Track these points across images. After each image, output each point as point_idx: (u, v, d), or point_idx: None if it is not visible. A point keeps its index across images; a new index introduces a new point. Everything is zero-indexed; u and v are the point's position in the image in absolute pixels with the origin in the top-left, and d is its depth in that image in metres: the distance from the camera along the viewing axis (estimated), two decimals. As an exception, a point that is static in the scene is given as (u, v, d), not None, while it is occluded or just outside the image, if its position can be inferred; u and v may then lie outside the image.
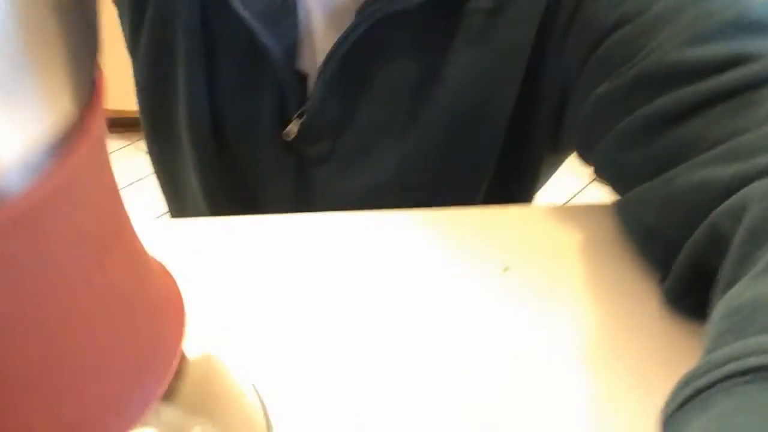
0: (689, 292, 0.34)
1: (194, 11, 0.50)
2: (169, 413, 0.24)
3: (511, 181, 0.54)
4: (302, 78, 0.51)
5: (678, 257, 0.34)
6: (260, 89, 0.52)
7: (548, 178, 0.58)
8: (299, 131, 0.52)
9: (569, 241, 0.40)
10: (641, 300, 0.36)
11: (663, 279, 0.36)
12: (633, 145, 0.38)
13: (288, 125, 0.52)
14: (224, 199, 0.57)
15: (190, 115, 0.53)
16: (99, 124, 0.12)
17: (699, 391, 0.25)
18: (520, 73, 0.47)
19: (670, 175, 0.35)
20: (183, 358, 0.22)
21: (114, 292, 0.15)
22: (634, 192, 0.38)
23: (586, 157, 0.44)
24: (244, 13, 0.47)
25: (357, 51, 0.48)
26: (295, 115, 0.51)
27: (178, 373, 0.22)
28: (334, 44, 0.47)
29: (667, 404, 0.26)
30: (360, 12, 0.46)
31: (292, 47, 0.50)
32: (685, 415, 0.25)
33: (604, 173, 0.42)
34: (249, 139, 0.54)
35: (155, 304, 0.16)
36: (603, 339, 0.35)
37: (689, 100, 0.36)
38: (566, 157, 0.55)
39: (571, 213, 0.43)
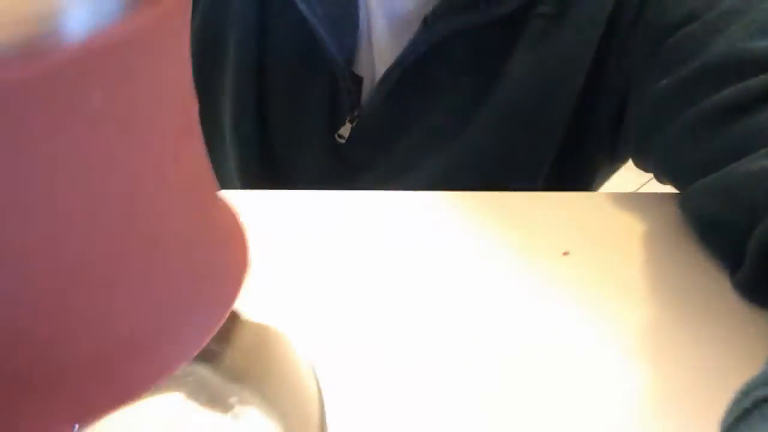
0: (764, 283, 0.33)
1: (251, 3, 0.50)
2: (208, 376, 0.22)
3: (564, 188, 0.52)
4: (357, 81, 0.50)
5: (748, 248, 0.32)
6: (312, 89, 0.51)
7: (600, 186, 0.57)
8: (350, 135, 0.51)
9: (632, 229, 0.39)
10: (704, 294, 0.35)
11: (732, 272, 0.34)
12: (696, 137, 0.37)
13: (337, 128, 0.51)
14: None
15: (235, 112, 0.52)
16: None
17: (758, 403, 0.24)
18: (580, 77, 0.46)
19: (735, 167, 0.34)
20: (236, 319, 0.20)
21: (185, 196, 0.13)
22: (697, 184, 0.36)
23: (644, 158, 0.42)
24: (307, 12, 0.47)
25: (420, 61, 0.47)
26: (347, 119, 0.51)
27: (227, 336, 0.20)
28: (399, 55, 0.47)
29: (727, 414, 0.25)
30: (428, 24, 0.46)
31: (351, 50, 0.49)
32: (744, 428, 0.24)
33: (665, 170, 0.40)
34: (295, 140, 0.54)
35: (222, 225, 0.15)
36: (661, 331, 0.33)
37: (754, 91, 0.35)
38: (619, 167, 0.54)
39: (635, 201, 0.42)
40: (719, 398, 0.26)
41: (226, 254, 0.15)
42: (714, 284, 0.35)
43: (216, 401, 0.22)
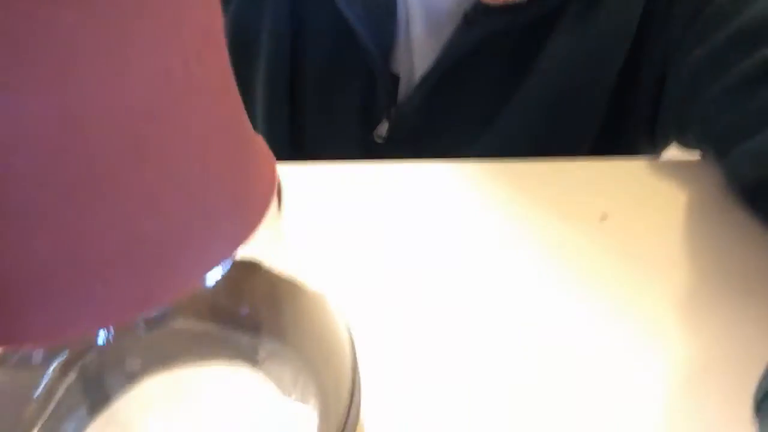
0: None
1: None
2: (233, 336, 0.21)
3: None
4: (394, 79, 0.50)
5: None
6: (347, 87, 0.51)
7: None
8: (387, 133, 0.51)
9: (672, 194, 0.38)
10: (745, 262, 0.34)
11: None
12: (733, 100, 0.36)
13: (371, 126, 0.51)
14: None
15: (267, 107, 0.52)
16: None
17: None
18: (620, 58, 0.45)
19: None
20: (262, 272, 0.20)
21: (210, 100, 0.12)
22: (738, 148, 0.35)
23: (683, 132, 0.41)
24: (347, 10, 0.47)
25: (460, 59, 0.47)
26: (385, 118, 0.50)
27: (253, 288, 0.20)
28: (439, 55, 0.47)
29: (756, 392, 0.24)
30: (469, 23, 0.45)
31: (389, 48, 0.49)
32: None
33: (704, 139, 0.39)
34: (327, 136, 0.54)
35: (249, 142, 0.14)
36: (699, 297, 0.33)
37: None
38: (658, 153, 0.53)
39: (676, 167, 0.41)
40: (755, 371, 0.25)
41: (254, 171, 0.14)
42: (756, 251, 0.34)
43: (245, 355, 0.21)
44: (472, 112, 0.49)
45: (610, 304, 0.32)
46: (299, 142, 0.54)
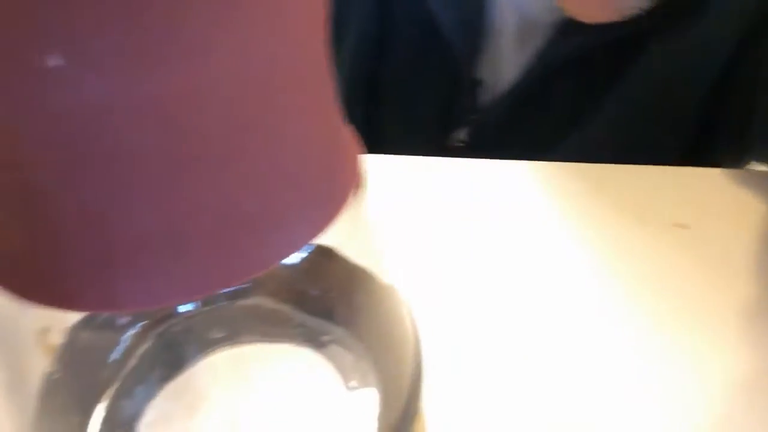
0: None
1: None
2: (301, 317, 0.22)
3: None
4: (475, 84, 0.50)
5: None
6: (429, 88, 0.51)
7: None
8: (467, 140, 0.51)
9: (752, 204, 0.37)
10: None
11: None
12: None
13: (449, 129, 0.51)
14: None
15: (345, 103, 0.53)
16: None
17: None
18: (713, 74, 0.43)
19: None
20: (332, 256, 0.20)
21: (311, 76, 0.13)
22: None
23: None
24: (438, 13, 0.47)
25: (551, 71, 0.46)
26: (465, 123, 0.50)
27: (321, 273, 0.20)
28: (531, 66, 0.46)
29: None
30: (565, 36, 0.45)
31: (476, 54, 0.49)
32: None
33: None
34: (403, 136, 0.54)
35: (340, 128, 0.14)
36: None
37: None
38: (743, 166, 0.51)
39: (756, 177, 0.40)
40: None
41: (342, 157, 0.14)
42: None
43: (311, 338, 0.22)
44: (555, 123, 0.48)
45: (681, 312, 0.32)
46: (375, 142, 0.54)
